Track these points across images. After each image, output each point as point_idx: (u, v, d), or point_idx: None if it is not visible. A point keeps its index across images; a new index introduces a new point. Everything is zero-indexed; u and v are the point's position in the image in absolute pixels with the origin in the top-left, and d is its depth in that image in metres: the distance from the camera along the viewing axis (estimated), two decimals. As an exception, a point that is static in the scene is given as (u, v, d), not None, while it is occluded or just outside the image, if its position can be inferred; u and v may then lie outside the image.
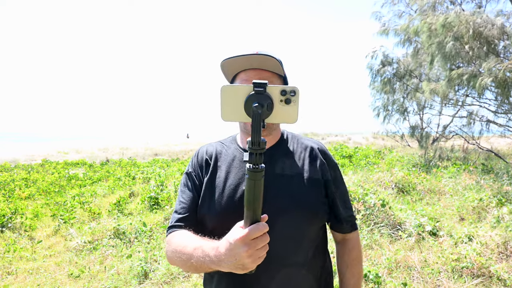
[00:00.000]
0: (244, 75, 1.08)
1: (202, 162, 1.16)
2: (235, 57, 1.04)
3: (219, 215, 1.07)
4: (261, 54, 1.02)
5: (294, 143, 1.17)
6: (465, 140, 9.62)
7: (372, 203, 4.34)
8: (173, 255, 0.99)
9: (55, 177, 9.79)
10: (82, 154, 19.83)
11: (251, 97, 0.72)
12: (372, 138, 23.34)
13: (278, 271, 1.04)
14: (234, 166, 1.12)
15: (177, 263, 0.99)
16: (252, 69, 1.07)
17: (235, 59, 1.05)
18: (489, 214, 4.30)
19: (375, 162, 9.30)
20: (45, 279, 3.59)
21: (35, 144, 33.55)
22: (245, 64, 1.06)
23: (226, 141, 1.23)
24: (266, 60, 1.03)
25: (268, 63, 1.04)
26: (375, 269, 3.14)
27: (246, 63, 1.06)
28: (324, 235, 1.14)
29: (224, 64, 1.08)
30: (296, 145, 1.16)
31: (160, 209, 5.60)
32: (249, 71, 1.07)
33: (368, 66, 11.72)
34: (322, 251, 1.14)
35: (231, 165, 1.13)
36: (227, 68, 1.10)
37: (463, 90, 8.20)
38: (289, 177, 1.08)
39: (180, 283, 3.27)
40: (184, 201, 1.12)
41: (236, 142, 1.20)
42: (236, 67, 1.08)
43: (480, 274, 3.06)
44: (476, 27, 6.51)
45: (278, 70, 1.07)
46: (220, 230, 1.02)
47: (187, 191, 1.13)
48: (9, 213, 5.36)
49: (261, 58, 1.03)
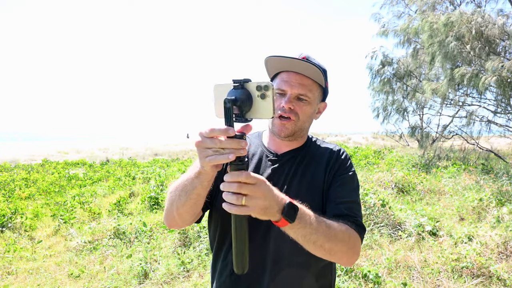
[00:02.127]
0: (285, 76, 1.07)
1: None
2: (280, 56, 1.04)
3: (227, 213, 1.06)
4: (307, 61, 1.01)
5: (315, 147, 1.17)
6: (465, 140, 9.63)
7: (372, 203, 4.34)
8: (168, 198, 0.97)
9: (55, 177, 9.79)
10: (82, 154, 19.83)
11: (230, 93, 0.73)
12: (372, 138, 23.35)
13: (279, 272, 1.05)
14: (253, 162, 1.13)
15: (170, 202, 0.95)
16: (294, 72, 1.06)
17: (280, 59, 1.05)
18: (489, 214, 4.30)
19: (375, 162, 9.30)
20: (45, 279, 3.59)
21: (35, 144, 33.55)
22: (288, 66, 1.06)
23: (252, 135, 1.24)
24: (309, 67, 1.03)
25: (311, 70, 1.03)
26: (375, 269, 3.14)
27: (289, 65, 1.06)
28: None
29: (268, 61, 1.08)
30: (315, 149, 1.16)
31: (160, 209, 5.61)
32: (291, 73, 1.07)
33: (368, 66, 11.73)
34: None
35: (250, 160, 1.14)
36: (271, 65, 1.10)
37: (463, 90, 8.20)
38: (299, 179, 1.08)
39: (180, 283, 3.27)
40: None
41: (260, 139, 1.20)
42: (279, 66, 1.08)
43: (480, 274, 3.06)
44: (478, 26, 6.51)
45: (319, 79, 1.06)
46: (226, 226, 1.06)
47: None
48: (9, 213, 5.36)
49: (305, 65, 1.03)
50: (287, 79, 1.06)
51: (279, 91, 1.07)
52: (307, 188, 1.07)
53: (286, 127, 1.06)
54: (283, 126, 1.06)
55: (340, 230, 0.92)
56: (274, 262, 1.05)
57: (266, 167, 1.12)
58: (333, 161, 1.11)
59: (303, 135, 1.14)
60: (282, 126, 1.06)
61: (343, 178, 1.08)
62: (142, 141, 35.32)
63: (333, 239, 0.89)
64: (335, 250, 0.90)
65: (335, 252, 0.91)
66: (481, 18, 6.57)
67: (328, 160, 1.12)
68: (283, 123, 1.06)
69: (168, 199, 0.97)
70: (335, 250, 0.90)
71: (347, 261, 0.96)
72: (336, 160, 1.12)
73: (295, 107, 1.05)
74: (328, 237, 0.88)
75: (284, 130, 1.07)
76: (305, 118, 1.07)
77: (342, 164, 1.11)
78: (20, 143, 36.17)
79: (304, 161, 1.12)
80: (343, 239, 0.91)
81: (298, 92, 1.05)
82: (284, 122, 1.06)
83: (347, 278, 3.06)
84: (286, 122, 1.05)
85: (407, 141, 15.36)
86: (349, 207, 1.03)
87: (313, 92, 1.07)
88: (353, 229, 0.97)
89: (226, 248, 1.11)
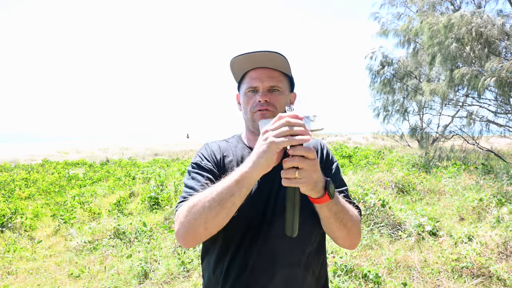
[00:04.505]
0: (253, 73, 1.08)
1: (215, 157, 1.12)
2: (245, 54, 1.04)
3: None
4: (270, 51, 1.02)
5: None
6: (465, 140, 9.63)
7: (372, 203, 4.34)
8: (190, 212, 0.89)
9: (55, 177, 9.79)
10: (82, 154, 19.82)
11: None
12: (372, 138, 23.35)
13: (279, 271, 1.05)
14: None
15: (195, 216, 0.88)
16: (261, 67, 1.07)
17: (244, 57, 1.05)
18: (489, 214, 4.30)
19: (375, 162, 9.30)
20: (45, 279, 3.59)
21: (35, 144, 33.54)
22: (254, 63, 1.07)
23: (232, 140, 1.22)
24: (276, 58, 1.03)
25: (278, 61, 1.05)
26: (375, 269, 3.14)
27: (254, 62, 1.06)
28: (323, 234, 1.14)
29: (234, 62, 1.08)
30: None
31: (160, 209, 5.61)
32: (258, 69, 1.08)
33: (368, 67, 11.73)
34: (322, 250, 1.14)
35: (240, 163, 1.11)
36: (237, 67, 1.10)
37: (463, 90, 8.21)
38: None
39: (180, 283, 3.27)
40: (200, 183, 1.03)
41: (242, 141, 1.19)
42: (245, 66, 1.09)
43: (480, 274, 3.06)
44: (477, 27, 6.52)
45: (286, 69, 1.09)
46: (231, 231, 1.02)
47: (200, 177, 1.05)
48: (9, 213, 5.36)
49: (271, 56, 1.03)
50: (256, 76, 1.07)
51: (251, 89, 1.08)
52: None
53: (267, 117, 1.05)
54: (263, 117, 1.05)
55: (354, 212, 1.01)
56: (274, 261, 1.05)
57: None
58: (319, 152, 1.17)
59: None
60: (263, 117, 1.05)
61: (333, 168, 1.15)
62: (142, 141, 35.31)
63: (353, 219, 0.98)
64: (353, 230, 0.98)
65: (353, 232, 0.98)
66: (480, 19, 6.57)
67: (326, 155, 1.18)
68: (263, 113, 1.06)
69: (192, 214, 0.89)
70: (353, 230, 0.98)
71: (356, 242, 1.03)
72: (322, 152, 1.17)
73: (271, 98, 1.06)
74: (350, 216, 0.97)
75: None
76: (282, 109, 1.08)
77: (327, 155, 1.18)
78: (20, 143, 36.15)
79: None
80: (358, 220, 1.01)
81: (269, 84, 1.06)
82: (264, 113, 1.06)
83: (347, 278, 3.06)
84: (266, 113, 1.05)
85: (407, 141, 15.36)
86: (347, 195, 1.11)
87: (283, 82, 1.09)
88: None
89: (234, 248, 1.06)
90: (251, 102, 1.08)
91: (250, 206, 1.07)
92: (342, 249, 3.58)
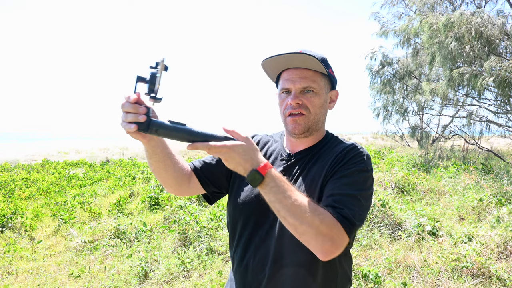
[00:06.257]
0: (285, 74, 1.08)
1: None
2: (274, 56, 1.04)
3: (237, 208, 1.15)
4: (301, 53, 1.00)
5: (330, 145, 1.12)
6: (465, 140, 9.63)
7: (372, 203, 4.35)
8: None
9: (55, 177, 9.79)
10: (82, 154, 19.82)
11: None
12: (371, 138, 23.34)
13: (278, 270, 1.05)
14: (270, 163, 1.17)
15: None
16: (294, 68, 1.06)
17: (275, 59, 1.05)
18: (489, 214, 4.30)
19: (375, 162, 9.30)
20: (45, 279, 3.59)
21: (35, 144, 33.53)
22: (286, 64, 1.06)
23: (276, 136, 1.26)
24: (307, 59, 1.02)
25: (309, 62, 1.03)
26: (375, 269, 3.14)
27: (286, 63, 1.06)
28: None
29: (265, 64, 1.09)
30: (329, 147, 1.11)
31: (160, 209, 5.61)
32: (290, 70, 1.07)
33: (368, 67, 11.72)
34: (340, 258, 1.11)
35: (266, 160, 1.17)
36: (270, 68, 1.10)
37: (463, 90, 8.20)
38: (303, 178, 1.07)
39: (180, 283, 3.27)
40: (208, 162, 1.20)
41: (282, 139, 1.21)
42: (278, 66, 1.08)
43: (479, 274, 3.06)
44: (477, 27, 6.51)
45: (319, 68, 1.05)
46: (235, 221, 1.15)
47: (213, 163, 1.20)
48: (9, 213, 5.36)
49: (302, 57, 1.02)
50: (288, 77, 1.06)
51: (284, 90, 1.08)
52: (308, 186, 1.05)
53: (298, 123, 1.05)
54: (295, 123, 1.05)
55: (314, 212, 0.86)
56: (274, 260, 1.05)
57: (277, 167, 1.12)
58: (339, 157, 1.04)
59: (318, 128, 1.11)
60: (295, 122, 1.05)
61: (344, 172, 1.00)
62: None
63: (298, 216, 0.85)
64: (301, 230, 0.86)
65: (302, 232, 0.86)
66: (480, 18, 6.57)
67: (335, 157, 1.05)
68: (295, 119, 1.05)
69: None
70: (300, 230, 0.86)
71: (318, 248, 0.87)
72: (344, 156, 1.04)
73: (303, 100, 1.04)
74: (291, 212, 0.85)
75: (297, 127, 1.06)
76: (316, 110, 1.06)
77: (348, 159, 1.03)
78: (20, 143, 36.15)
79: (314, 160, 1.09)
80: (312, 222, 0.85)
81: (302, 86, 1.04)
82: (295, 118, 1.05)
83: (347, 278, 3.06)
84: (298, 118, 1.05)
85: (407, 141, 15.36)
86: (339, 199, 0.94)
87: (318, 82, 1.06)
88: (334, 218, 0.89)
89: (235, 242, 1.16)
90: (284, 104, 1.08)
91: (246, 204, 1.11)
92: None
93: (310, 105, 1.05)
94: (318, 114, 1.07)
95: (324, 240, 0.86)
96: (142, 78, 0.87)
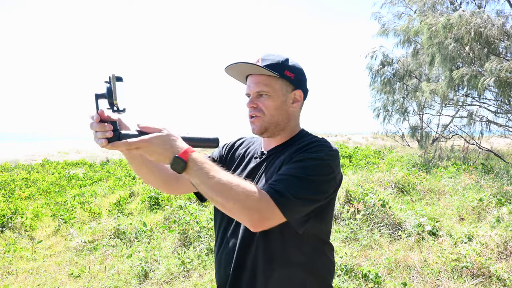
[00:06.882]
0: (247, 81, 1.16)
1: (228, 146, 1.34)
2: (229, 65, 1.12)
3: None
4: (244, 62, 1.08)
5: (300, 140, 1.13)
6: (465, 140, 9.63)
7: (372, 203, 4.35)
8: None
9: (56, 177, 9.79)
10: (83, 154, 19.81)
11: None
12: (371, 138, 23.35)
13: (276, 270, 1.05)
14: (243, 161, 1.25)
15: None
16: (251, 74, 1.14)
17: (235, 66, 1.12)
18: (489, 214, 4.30)
19: (375, 162, 9.30)
20: (45, 279, 3.59)
21: (35, 144, 33.53)
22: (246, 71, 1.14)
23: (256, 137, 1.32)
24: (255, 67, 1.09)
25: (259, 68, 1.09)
26: (375, 269, 3.14)
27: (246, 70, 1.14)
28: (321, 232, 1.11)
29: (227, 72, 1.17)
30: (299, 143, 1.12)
31: (160, 209, 5.61)
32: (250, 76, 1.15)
33: (368, 66, 11.73)
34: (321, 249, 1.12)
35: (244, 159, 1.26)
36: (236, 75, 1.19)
37: (463, 90, 8.21)
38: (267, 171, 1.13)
39: (180, 283, 3.27)
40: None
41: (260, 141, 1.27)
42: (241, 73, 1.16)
43: (479, 274, 3.06)
44: (477, 27, 6.52)
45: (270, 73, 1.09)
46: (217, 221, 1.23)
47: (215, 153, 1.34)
48: (9, 213, 5.36)
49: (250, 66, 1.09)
50: (248, 83, 1.15)
51: (247, 95, 1.16)
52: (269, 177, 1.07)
53: (255, 124, 1.13)
54: (253, 124, 1.14)
55: (238, 187, 0.89)
56: (266, 262, 1.05)
57: (250, 164, 1.20)
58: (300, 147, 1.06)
59: (281, 128, 1.14)
60: (252, 124, 1.14)
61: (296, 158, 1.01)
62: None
63: (223, 193, 0.88)
64: (229, 207, 0.89)
65: (230, 208, 0.89)
66: (479, 19, 6.57)
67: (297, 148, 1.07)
68: (252, 121, 1.13)
69: None
70: (228, 206, 0.89)
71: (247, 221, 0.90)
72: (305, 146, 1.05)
73: (258, 104, 1.11)
74: (216, 190, 0.88)
75: (255, 128, 1.13)
76: (272, 112, 1.11)
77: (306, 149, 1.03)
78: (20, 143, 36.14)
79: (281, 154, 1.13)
80: (237, 197, 0.88)
81: (255, 90, 1.11)
82: (252, 120, 1.13)
83: (347, 278, 3.07)
84: (254, 120, 1.12)
85: (407, 141, 15.36)
86: (278, 178, 0.97)
87: (271, 85, 1.10)
88: (263, 192, 0.92)
89: (216, 236, 1.24)
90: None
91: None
92: (342, 249, 3.58)
93: (264, 108, 1.11)
94: (275, 116, 1.12)
95: (251, 213, 0.89)
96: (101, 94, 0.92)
